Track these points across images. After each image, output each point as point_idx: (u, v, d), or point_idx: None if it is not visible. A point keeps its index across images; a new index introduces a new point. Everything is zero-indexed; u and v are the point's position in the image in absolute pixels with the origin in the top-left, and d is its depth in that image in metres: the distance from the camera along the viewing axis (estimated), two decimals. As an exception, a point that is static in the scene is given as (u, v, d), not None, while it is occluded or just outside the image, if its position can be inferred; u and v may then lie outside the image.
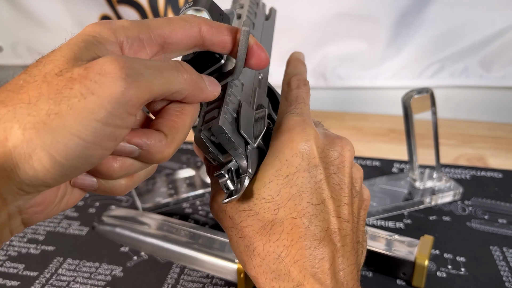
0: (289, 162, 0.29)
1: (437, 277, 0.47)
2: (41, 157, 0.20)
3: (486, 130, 0.80)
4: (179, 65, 0.25)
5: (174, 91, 0.24)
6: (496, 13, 0.75)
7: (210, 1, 0.31)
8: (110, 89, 0.21)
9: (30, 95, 0.21)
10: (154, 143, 0.24)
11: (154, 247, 0.51)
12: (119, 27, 0.24)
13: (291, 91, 0.34)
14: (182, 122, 0.26)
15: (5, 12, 0.94)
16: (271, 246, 0.27)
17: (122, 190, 0.27)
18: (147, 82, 0.22)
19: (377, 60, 0.84)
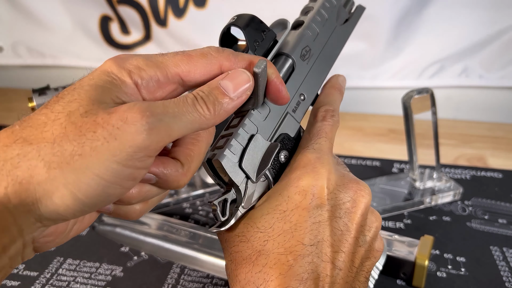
0: (289, 199, 0.29)
1: (437, 277, 0.47)
2: (64, 194, 0.21)
3: (486, 130, 0.80)
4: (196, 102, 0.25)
5: (193, 131, 0.25)
6: (496, 13, 0.75)
7: (251, 18, 0.30)
8: (131, 135, 0.22)
9: (54, 134, 0.22)
10: (171, 172, 0.26)
11: (154, 247, 0.51)
12: (134, 67, 0.25)
13: (315, 123, 0.33)
14: (198, 149, 0.27)
15: (5, 12, 0.94)
16: (252, 276, 0.27)
17: (137, 215, 0.28)
18: (166, 128, 0.23)
19: (377, 60, 0.84)
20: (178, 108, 0.24)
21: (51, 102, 0.23)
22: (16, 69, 1.04)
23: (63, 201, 0.21)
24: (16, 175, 0.21)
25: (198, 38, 0.87)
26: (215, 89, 0.26)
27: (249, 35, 0.30)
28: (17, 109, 0.94)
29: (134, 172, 0.23)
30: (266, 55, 0.31)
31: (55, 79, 0.92)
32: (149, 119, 0.22)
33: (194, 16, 0.85)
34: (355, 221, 0.29)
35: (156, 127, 0.22)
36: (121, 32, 0.92)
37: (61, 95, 0.23)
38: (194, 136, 0.27)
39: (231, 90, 0.26)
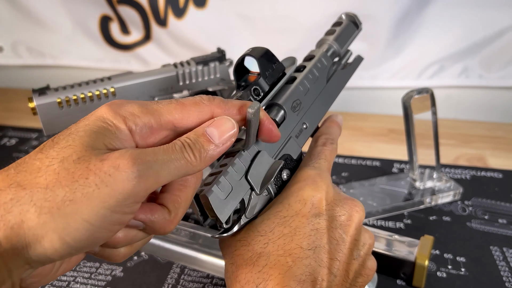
0: (290, 206, 0.31)
1: (437, 277, 0.47)
2: (53, 238, 0.22)
3: (486, 130, 0.80)
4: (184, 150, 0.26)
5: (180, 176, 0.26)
6: (496, 13, 0.75)
7: (265, 51, 0.33)
8: (122, 183, 0.23)
9: (47, 179, 0.22)
10: (158, 219, 0.26)
11: (154, 247, 0.51)
12: (130, 114, 0.26)
13: (316, 147, 0.36)
14: (185, 195, 0.28)
15: (5, 12, 0.94)
16: (252, 276, 0.28)
17: (121, 258, 0.28)
18: (155, 175, 0.24)
19: (377, 60, 0.84)
20: (167, 155, 0.25)
21: (47, 147, 0.24)
22: (16, 69, 1.04)
23: (52, 245, 0.22)
24: (8, 220, 0.22)
25: (198, 38, 0.87)
26: (201, 136, 0.27)
27: (262, 65, 0.33)
28: (17, 109, 0.94)
29: (121, 217, 0.23)
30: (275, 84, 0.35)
31: (55, 79, 0.92)
32: (140, 166, 0.23)
33: (194, 16, 0.85)
34: (350, 234, 0.31)
35: (146, 175, 0.23)
36: (121, 32, 0.92)
37: (57, 139, 0.24)
38: (181, 182, 0.28)
39: (217, 137, 0.27)
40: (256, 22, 0.83)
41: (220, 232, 0.31)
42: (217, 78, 0.56)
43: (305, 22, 0.80)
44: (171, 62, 0.55)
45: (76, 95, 0.47)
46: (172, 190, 0.28)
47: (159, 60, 0.90)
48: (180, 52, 0.90)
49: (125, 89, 0.51)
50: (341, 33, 0.42)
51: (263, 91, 0.34)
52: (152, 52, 0.92)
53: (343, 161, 0.71)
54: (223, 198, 0.29)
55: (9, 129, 0.86)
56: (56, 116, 0.47)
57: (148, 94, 0.52)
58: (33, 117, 0.49)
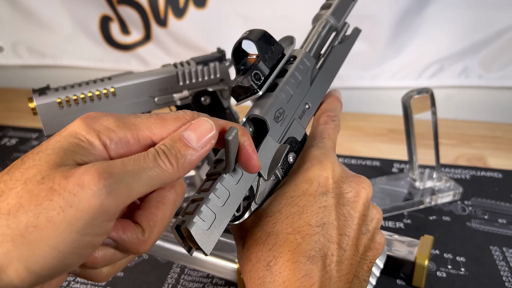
0: (297, 186, 0.31)
1: (437, 277, 0.47)
2: (17, 268, 0.20)
3: (486, 130, 0.80)
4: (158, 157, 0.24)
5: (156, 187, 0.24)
6: (496, 13, 0.75)
7: (263, 33, 0.32)
8: (88, 201, 0.21)
9: (10, 204, 0.21)
10: (130, 239, 0.24)
11: (155, 247, 0.51)
12: (104, 129, 0.24)
13: (318, 126, 0.35)
14: (162, 213, 0.25)
15: (5, 12, 0.94)
16: (263, 254, 0.29)
17: (103, 278, 0.27)
18: (126, 188, 0.22)
19: (377, 60, 0.84)
20: (138, 165, 0.23)
21: (14, 167, 0.22)
22: (16, 69, 1.04)
23: (18, 275, 0.21)
24: None
25: (198, 38, 0.87)
26: (177, 142, 0.25)
27: (261, 48, 0.32)
28: (18, 109, 0.94)
29: (92, 239, 0.22)
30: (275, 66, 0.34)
31: (55, 79, 0.92)
32: (107, 181, 0.21)
33: (194, 16, 0.85)
34: (358, 210, 0.31)
35: (115, 189, 0.21)
36: (121, 32, 0.92)
37: (25, 159, 0.23)
38: (159, 199, 0.26)
39: (194, 140, 0.25)
40: (256, 22, 0.83)
41: (231, 220, 0.30)
42: (217, 78, 0.56)
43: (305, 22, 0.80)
44: (171, 62, 0.55)
45: (76, 95, 0.47)
46: (148, 208, 0.25)
47: (159, 60, 0.91)
48: (180, 52, 0.90)
49: (125, 89, 0.51)
50: (337, 6, 0.40)
51: (263, 75, 0.33)
52: (152, 52, 0.92)
53: (343, 161, 0.71)
54: (206, 229, 0.27)
55: (9, 129, 0.86)
56: (56, 116, 0.47)
57: (148, 94, 0.52)
58: (33, 117, 0.49)
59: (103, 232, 0.22)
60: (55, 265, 0.21)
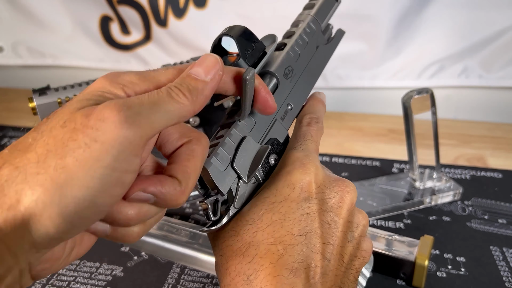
0: (278, 191, 0.29)
1: (437, 277, 0.48)
2: (51, 214, 0.20)
3: (485, 130, 0.80)
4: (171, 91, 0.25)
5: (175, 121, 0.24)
6: (496, 13, 0.75)
7: (243, 29, 0.32)
8: (112, 134, 0.21)
9: (38, 152, 0.21)
10: (169, 190, 0.25)
11: (155, 247, 0.51)
12: (128, 82, 0.25)
13: (301, 128, 0.34)
14: (194, 165, 0.26)
15: (5, 12, 0.94)
16: (243, 267, 0.27)
17: (134, 238, 0.27)
18: (146, 120, 0.22)
19: (377, 60, 0.84)
20: (153, 99, 0.24)
21: (40, 123, 0.23)
22: (16, 69, 1.04)
23: (52, 222, 0.20)
24: (4, 202, 0.20)
25: (198, 38, 0.87)
26: (186, 78, 0.26)
27: (241, 45, 0.31)
28: (18, 109, 0.94)
29: (121, 176, 0.22)
30: (255, 64, 0.33)
31: (55, 79, 0.92)
32: (127, 112, 0.22)
33: (194, 16, 0.85)
34: (342, 216, 0.30)
35: (136, 120, 0.22)
36: (121, 32, 0.92)
37: (51, 115, 0.23)
38: (188, 152, 0.27)
39: (203, 74, 0.26)
40: (256, 22, 0.83)
41: (209, 225, 0.29)
42: (217, 78, 0.56)
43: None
44: (171, 62, 0.55)
45: (76, 95, 0.47)
46: (180, 161, 0.26)
47: (159, 60, 0.91)
48: (180, 52, 0.90)
49: (125, 89, 0.51)
50: (321, 7, 0.40)
51: None
52: (152, 52, 0.92)
53: (343, 161, 0.71)
54: (223, 170, 0.28)
55: (9, 129, 0.86)
56: (56, 116, 0.47)
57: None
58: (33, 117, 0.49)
59: (132, 168, 0.22)
60: (87, 205, 0.21)
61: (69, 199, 0.21)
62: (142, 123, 0.22)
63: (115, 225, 0.25)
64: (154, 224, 0.28)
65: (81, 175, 0.21)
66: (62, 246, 0.24)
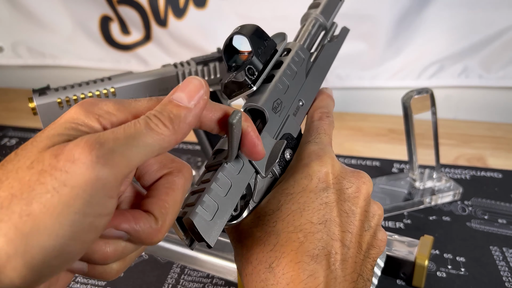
0: (296, 183, 0.30)
1: (437, 277, 0.48)
2: (15, 266, 0.19)
3: (485, 130, 0.80)
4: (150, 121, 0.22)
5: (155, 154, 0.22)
6: (496, 13, 0.75)
7: (255, 28, 0.32)
8: (83, 177, 0.19)
9: (1, 196, 0.19)
10: (144, 228, 0.23)
11: (155, 247, 0.51)
12: (104, 112, 0.23)
13: (313, 122, 0.35)
14: (173, 199, 0.25)
15: (5, 12, 0.94)
16: (264, 256, 0.28)
17: (114, 275, 0.25)
18: (122, 157, 0.20)
19: (377, 60, 0.84)
20: (129, 132, 0.21)
21: (6, 161, 0.21)
22: (16, 69, 1.04)
23: (18, 273, 0.19)
24: None
25: (198, 38, 0.87)
26: (168, 105, 0.23)
27: (254, 43, 0.32)
28: (17, 109, 0.94)
29: (94, 221, 0.20)
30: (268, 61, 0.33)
31: (55, 79, 0.92)
32: (99, 151, 0.20)
33: (194, 16, 0.85)
34: (359, 205, 0.30)
35: (110, 159, 0.20)
36: (121, 32, 0.92)
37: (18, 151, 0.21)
38: (168, 185, 0.25)
39: (185, 99, 0.24)
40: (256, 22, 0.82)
41: (229, 220, 0.29)
42: (217, 78, 0.56)
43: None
44: (171, 62, 0.55)
45: (76, 95, 0.47)
46: (157, 195, 0.24)
47: (159, 60, 0.91)
48: (180, 52, 0.90)
49: (125, 89, 0.51)
50: (326, 5, 0.41)
51: (257, 70, 0.32)
52: (152, 52, 0.92)
53: (343, 161, 0.71)
54: (209, 219, 0.26)
55: (9, 129, 0.86)
56: (56, 116, 0.46)
57: (148, 94, 0.52)
58: (33, 117, 0.49)
59: (106, 211, 0.21)
60: (56, 255, 0.19)
61: (35, 249, 0.19)
62: (117, 161, 0.20)
63: (92, 264, 0.24)
64: (134, 258, 0.26)
65: (49, 223, 0.19)
66: None
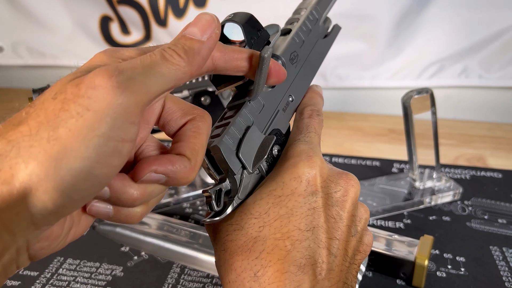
0: (285, 184, 0.29)
1: (437, 277, 0.48)
2: (47, 188, 0.19)
3: (485, 130, 0.80)
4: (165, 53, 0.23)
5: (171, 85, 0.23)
6: (496, 13, 0.76)
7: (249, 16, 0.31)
8: (105, 101, 0.20)
9: (30, 125, 0.20)
10: (180, 169, 0.24)
11: (155, 247, 0.51)
12: (127, 57, 0.24)
13: (303, 120, 0.34)
14: (200, 142, 0.26)
15: (6, 12, 0.94)
16: (249, 263, 0.26)
17: (138, 218, 0.26)
18: (140, 84, 0.21)
19: (377, 60, 0.84)
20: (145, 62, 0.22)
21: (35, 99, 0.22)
22: (16, 69, 1.04)
23: (49, 196, 0.20)
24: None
25: (198, 38, 0.87)
26: (181, 38, 0.24)
27: (247, 32, 0.30)
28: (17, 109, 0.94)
29: (118, 145, 0.21)
30: None
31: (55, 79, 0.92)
32: (119, 77, 0.21)
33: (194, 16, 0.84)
34: (347, 210, 0.29)
35: (129, 85, 0.21)
36: (121, 32, 0.92)
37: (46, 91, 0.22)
38: (194, 129, 0.26)
39: (199, 33, 0.25)
40: (256, 22, 0.83)
41: (211, 216, 0.28)
42: (217, 78, 0.56)
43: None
44: (171, 62, 0.55)
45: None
46: (186, 139, 0.26)
47: (159, 60, 0.90)
48: (180, 52, 0.90)
49: (125, 89, 0.51)
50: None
51: None
52: (152, 52, 0.92)
53: (343, 161, 0.71)
54: (233, 149, 0.28)
55: (9, 129, 0.86)
56: (56, 116, 0.46)
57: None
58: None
59: (128, 137, 0.22)
60: (84, 177, 0.20)
61: (64, 171, 0.20)
62: (136, 88, 0.21)
63: (119, 205, 0.25)
64: (156, 203, 0.27)
65: (75, 145, 0.20)
66: (61, 224, 0.23)
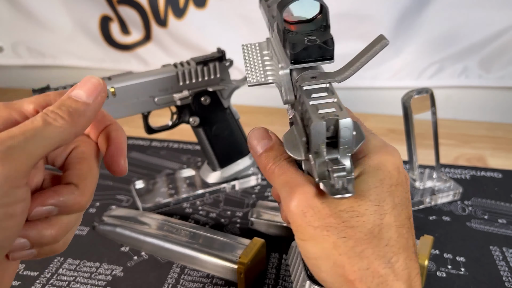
0: (391, 174, 0.29)
1: (437, 277, 0.48)
2: None
3: (485, 130, 0.80)
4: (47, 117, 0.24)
5: (55, 146, 0.24)
6: (496, 13, 0.75)
7: None
8: None
9: None
10: (68, 197, 0.25)
11: (155, 247, 0.51)
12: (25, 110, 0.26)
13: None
14: (87, 166, 0.27)
15: (5, 12, 0.94)
16: (381, 250, 0.26)
17: (61, 247, 0.28)
18: (21, 152, 0.22)
19: (377, 60, 0.83)
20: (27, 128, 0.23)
21: None
22: (16, 69, 1.04)
23: None
24: None
25: (198, 38, 0.87)
26: (67, 100, 0.25)
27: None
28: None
29: (8, 210, 0.22)
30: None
31: (55, 79, 0.92)
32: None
33: (194, 16, 0.85)
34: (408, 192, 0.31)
35: (9, 155, 0.22)
36: (121, 32, 0.92)
37: None
38: (79, 156, 0.27)
39: (84, 95, 0.26)
40: (256, 22, 0.83)
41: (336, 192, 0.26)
42: (217, 78, 0.56)
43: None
44: (171, 62, 0.55)
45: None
46: (71, 167, 0.27)
47: (159, 60, 0.90)
48: (180, 52, 0.90)
49: (125, 89, 0.51)
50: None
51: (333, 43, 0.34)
52: (152, 52, 0.92)
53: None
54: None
55: (9, 129, 0.85)
56: (56, 116, 0.46)
57: (148, 94, 0.52)
58: (33, 117, 0.49)
59: (16, 199, 0.22)
60: None
61: None
62: (17, 155, 0.22)
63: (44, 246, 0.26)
64: (76, 227, 0.29)
65: None
66: None
